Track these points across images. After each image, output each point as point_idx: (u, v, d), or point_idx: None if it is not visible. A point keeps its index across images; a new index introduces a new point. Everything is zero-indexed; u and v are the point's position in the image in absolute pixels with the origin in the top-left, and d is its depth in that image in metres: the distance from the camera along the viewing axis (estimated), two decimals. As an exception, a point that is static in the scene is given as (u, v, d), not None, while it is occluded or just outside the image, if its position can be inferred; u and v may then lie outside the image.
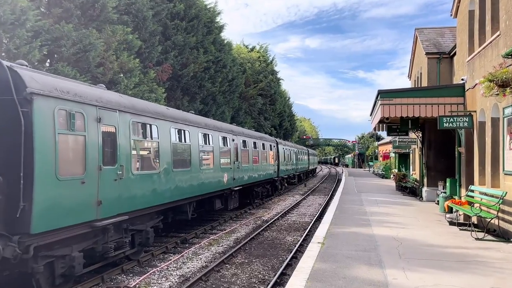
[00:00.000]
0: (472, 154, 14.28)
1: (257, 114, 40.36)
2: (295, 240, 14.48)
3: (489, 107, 12.13)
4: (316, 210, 22.53)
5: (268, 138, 26.69)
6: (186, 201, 13.60)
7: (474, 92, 13.58)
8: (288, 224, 18.10)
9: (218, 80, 29.61)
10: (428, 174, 21.24)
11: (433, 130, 21.06)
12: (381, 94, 15.03)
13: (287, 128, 51.66)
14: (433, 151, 21.21)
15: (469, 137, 14.41)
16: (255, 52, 42.81)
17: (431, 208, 17.68)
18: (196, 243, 13.75)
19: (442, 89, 14.92)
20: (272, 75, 43.16)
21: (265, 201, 25.62)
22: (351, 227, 12.29)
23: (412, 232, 11.46)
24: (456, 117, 13.54)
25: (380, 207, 17.48)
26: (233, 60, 33.71)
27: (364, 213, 15.35)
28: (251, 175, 21.19)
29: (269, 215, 20.70)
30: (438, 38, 22.82)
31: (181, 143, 13.27)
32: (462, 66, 15.07)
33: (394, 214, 15.36)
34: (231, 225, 17.34)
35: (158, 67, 22.91)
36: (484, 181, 12.87)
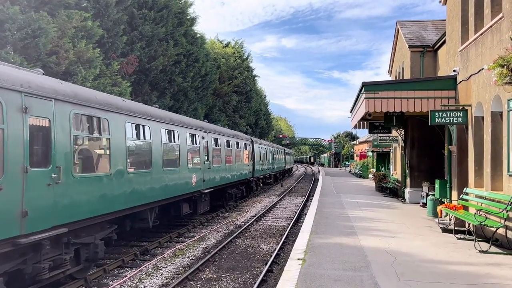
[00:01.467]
0: (465, 153, 12.88)
1: (232, 111, 38.57)
2: (271, 249, 12.83)
3: (488, 100, 10.71)
4: (294, 212, 21.00)
5: (242, 136, 24.95)
6: (146, 207, 11.74)
7: (469, 84, 12.18)
8: (264, 229, 16.45)
9: (190, 75, 27.69)
10: (411, 174, 19.91)
11: (416, 127, 19.75)
12: (366, 86, 13.49)
13: (263, 126, 49.98)
14: (417, 150, 19.89)
15: (462, 134, 13.02)
16: (230, 47, 40.93)
17: (417, 211, 16.27)
18: (159, 254, 11.94)
19: (433, 81, 13.47)
20: (247, 71, 41.38)
21: (239, 203, 23.92)
22: (335, 236, 10.67)
23: (405, 243, 9.90)
24: (449, 112, 12.10)
25: (363, 210, 15.97)
26: (206, 55, 31.81)
27: (347, 218, 13.79)
28: (223, 175, 19.42)
29: (243, 219, 19.02)
30: (421, 31, 21.53)
31: (140, 140, 11.40)
32: (453, 57, 13.68)
33: (380, 219, 13.85)
34: (200, 231, 15.56)
35: (123, 58, 20.86)
36: (481, 183, 11.46)
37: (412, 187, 19.77)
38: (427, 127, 19.83)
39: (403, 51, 21.85)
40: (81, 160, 8.70)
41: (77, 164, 8.43)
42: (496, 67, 7.46)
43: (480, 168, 11.52)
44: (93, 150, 9.42)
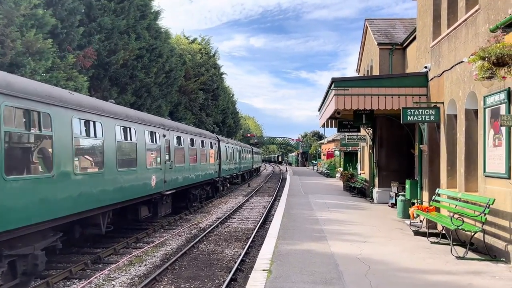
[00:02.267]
0: (436, 153, 12.41)
1: (199, 109, 37.43)
2: (236, 255, 11.99)
3: (462, 97, 10.21)
4: (261, 213, 20.23)
5: (208, 134, 23.96)
6: (98, 211, 10.66)
7: (441, 81, 11.69)
8: (229, 233, 15.59)
9: (153, 70, 26.44)
10: (379, 174, 19.47)
11: (385, 126, 19.33)
12: (336, 82, 12.83)
13: (230, 125, 48.99)
14: (385, 149, 19.47)
15: (433, 133, 12.55)
16: (196, 44, 39.73)
17: (387, 212, 15.78)
18: (113, 262, 10.87)
19: (404, 78, 12.95)
20: (214, 68, 40.25)
21: (204, 204, 22.95)
22: (303, 242, 9.90)
23: (378, 248, 9.24)
24: (421, 110, 11.57)
25: (332, 212, 15.33)
26: (171, 50, 30.59)
27: (315, 221, 13.08)
28: (187, 176, 18.40)
29: (207, 221, 18.09)
30: (389, 29, 21.18)
31: (90, 138, 10.30)
32: (424, 53, 13.20)
33: (350, 221, 13.22)
34: (161, 235, 14.53)
35: (80, 51, 19.49)
36: (454, 183, 10.98)
37: (381, 187, 19.35)
38: (396, 126, 19.49)
39: (371, 49, 21.44)
40: (15, 160, 7.57)
41: (10, 165, 7.30)
42: (477, 60, 6.87)
43: (453, 168, 11.05)
44: (31, 149, 8.28)
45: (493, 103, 8.56)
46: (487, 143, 8.80)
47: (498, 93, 8.29)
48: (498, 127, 8.34)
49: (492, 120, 8.63)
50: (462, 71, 10.17)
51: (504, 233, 8.07)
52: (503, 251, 7.93)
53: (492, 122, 8.60)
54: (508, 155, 7.96)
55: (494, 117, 8.55)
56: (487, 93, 8.79)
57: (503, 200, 8.11)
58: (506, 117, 7.79)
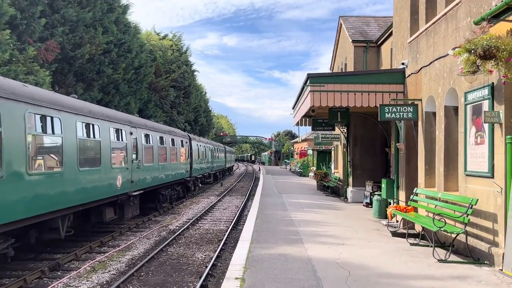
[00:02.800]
0: (413, 151, 12.10)
1: (170, 107, 36.42)
2: (207, 258, 11.37)
3: (441, 93, 9.88)
4: (233, 214, 19.64)
5: (179, 133, 23.15)
6: (56, 214, 9.82)
7: (419, 77, 11.37)
8: (200, 235, 14.94)
9: (122, 66, 25.39)
10: (353, 173, 19.20)
11: (360, 125, 19.06)
12: (311, 78, 12.34)
13: (203, 124, 48.06)
14: (359, 148, 19.21)
15: (410, 131, 12.23)
16: (167, 40, 38.66)
17: (362, 212, 15.44)
18: (74, 269, 10.06)
19: (381, 75, 12.58)
20: (186, 66, 39.25)
21: (175, 205, 22.16)
22: (279, 245, 9.35)
23: (357, 251, 8.77)
24: (399, 107, 11.22)
25: (306, 212, 14.86)
26: (141, 46, 29.55)
27: (290, 222, 12.57)
28: (156, 176, 17.61)
29: (178, 222, 17.37)
30: (364, 27, 20.93)
31: (47, 135, 9.45)
32: (401, 49, 12.88)
33: (325, 222, 12.77)
34: (128, 238, 13.75)
35: (41, 44, 18.38)
36: (432, 183, 10.66)
37: (355, 186, 19.07)
38: (371, 124, 19.24)
39: (346, 46, 21.14)
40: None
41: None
42: (463, 53, 6.47)
43: (431, 167, 10.73)
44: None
45: (475, 99, 8.22)
46: (468, 141, 8.47)
47: (480, 88, 7.95)
48: (481, 124, 8.01)
49: (474, 117, 8.30)
50: (441, 67, 9.85)
51: (487, 235, 7.74)
52: (487, 254, 7.60)
53: (474, 119, 8.26)
54: (491, 153, 7.63)
55: (476, 114, 8.21)
56: (469, 89, 8.45)
57: (485, 200, 7.78)
58: (490, 113, 7.46)
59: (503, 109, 7.33)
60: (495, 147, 7.53)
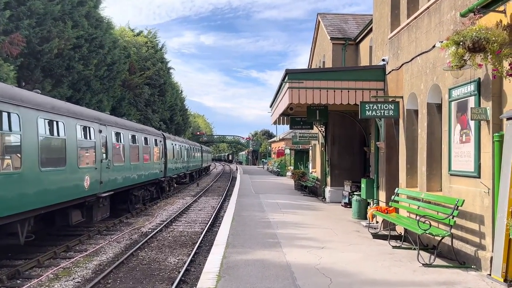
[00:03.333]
0: (394, 150, 11.76)
1: (144, 105, 35.46)
2: (180, 263, 10.77)
3: (424, 90, 9.53)
4: (209, 215, 19.03)
5: (152, 131, 22.36)
6: (15, 218, 9.04)
7: (400, 74, 11.02)
8: (173, 237, 14.30)
9: (93, 62, 24.42)
10: (332, 173, 18.85)
11: (338, 123, 18.73)
12: (290, 74, 11.86)
13: (179, 123, 47.08)
14: (338, 147, 18.88)
15: (390, 129, 11.89)
16: (142, 36, 37.64)
17: (341, 213, 15.06)
18: (35, 277, 9.31)
19: (361, 71, 12.20)
20: (161, 63, 38.27)
21: (148, 206, 21.38)
22: (256, 250, 8.81)
23: (337, 256, 8.31)
24: (380, 104, 10.84)
25: (284, 213, 14.38)
26: (114, 42, 28.58)
27: (268, 224, 12.06)
28: (128, 176, 16.84)
29: (151, 225, 16.67)
30: (342, 24, 20.60)
31: (3, 131, 8.66)
32: (381, 45, 12.54)
33: (304, 224, 12.31)
34: (97, 242, 12.99)
35: (5, 37, 17.36)
36: (414, 182, 10.32)
37: (333, 186, 18.73)
38: (349, 123, 18.93)
39: (324, 44, 20.78)
40: None
41: None
42: (451, 45, 6.08)
43: (413, 167, 10.39)
44: None
45: (460, 96, 7.87)
46: (453, 139, 8.12)
47: (466, 84, 7.60)
48: (466, 122, 7.66)
49: (458, 114, 7.94)
50: (424, 62, 9.50)
51: (473, 237, 7.39)
52: (473, 257, 7.24)
53: (459, 117, 7.91)
54: (477, 152, 7.28)
55: (461, 111, 7.86)
56: (453, 85, 8.10)
57: (471, 201, 7.43)
58: (476, 110, 7.10)
59: (490, 105, 6.98)
60: (482, 145, 7.18)
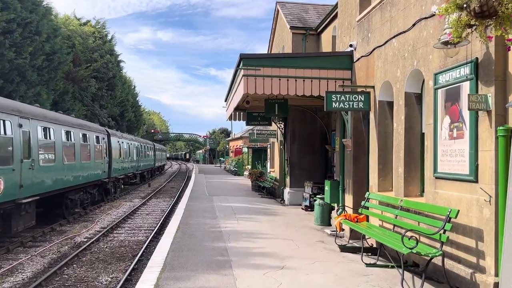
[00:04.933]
0: (362, 148, 10.28)
1: (91, 100, 32.68)
2: (113, 283, 8.90)
3: (401, 77, 8.04)
4: (157, 220, 17.03)
5: (94, 127, 19.99)
6: None
7: (371, 60, 9.51)
8: (111, 248, 12.31)
9: (28, 50, 21.71)
10: (291, 173, 17.31)
11: (298, 119, 17.21)
12: (245, 60, 10.11)
13: (131, 119, 44.26)
14: (298, 145, 17.35)
15: (358, 124, 10.40)
16: (89, 26, 34.74)
17: (302, 218, 13.47)
18: None
19: (326, 58, 10.60)
20: (110, 55, 35.52)
21: (90, 210, 19.07)
22: (199, 273, 6.98)
23: (301, 280, 6.63)
24: (349, 95, 9.29)
25: (239, 220, 12.62)
26: (55, 29, 25.84)
27: (219, 235, 10.24)
28: (60, 177, 14.55)
29: (88, 232, 14.53)
30: (302, 14, 19.10)
31: None
32: (348, 30, 11.02)
33: (261, 233, 10.59)
34: (16, 257, 10.83)
35: None
36: (387, 186, 8.84)
37: (293, 187, 17.19)
38: (310, 119, 17.42)
39: (283, 34, 19.20)
40: None
41: None
42: (452, 10, 4.56)
43: (386, 167, 8.91)
44: None
45: (449, 82, 6.40)
46: (440, 135, 6.64)
47: (459, 67, 6.13)
48: (458, 113, 6.20)
49: (447, 104, 6.47)
50: (401, 45, 8.02)
51: (468, 256, 5.92)
52: (468, 281, 5.77)
53: (448, 107, 6.44)
54: (474, 150, 5.82)
55: (451, 99, 6.39)
56: (440, 69, 6.62)
57: (465, 211, 5.96)
58: (475, 97, 5.62)
59: (492, 91, 5.52)
60: (481, 142, 5.72)
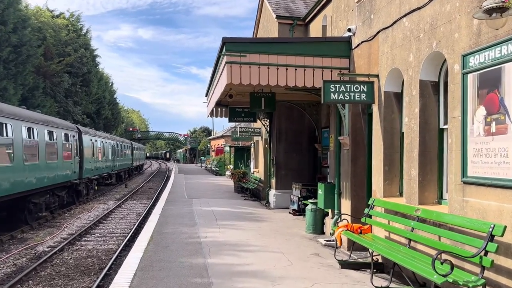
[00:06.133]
0: (361, 146, 8.97)
1: (64, 96, 30.69)
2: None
3: (414, 63, 6.72)
4: (132, 224, 15.53)
5: (62, 124, 18.23)
6: None
7: (374, 45, 8.19)
8: (76, 259, 10.81)
9: (-9, 40, 19.83)
10: (277, 174, 15.93)
11: (285, 116, 15.84)
12: (228, 44, 8.65)
13: (108, 117, 42.23)
14: (284, 143, 15.99)
15: (357, 119, 9.08)
16: (62, 18, 32.67)
17: (291, 224, 12.08)
18: None
19: (321, 44, 9.17)
20: (85, 49, 33.49)
21: (58, 214, 17.40)
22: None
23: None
24: (350, 85, 7.94)
25: (221, 228, 11.16)
26: (23, 20, 23.90)
27: (198, 248, 8.76)
28: (20, 180, 12.87)
29: (53, 240, 12.96)
30: (289, 3, 17.73)
31: None
32: (345, 13, 9.68)
33: (246, 245, 9.15)
34: (-43, 275, 9.17)
35: None
36: (394, 190, 7.52)
37: (279, 188, 15.82)
38: (298, 116, 16.03)
39: (268, 26, 17.80)
40: None
41: None
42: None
43: (393, 169, 7.60)
44: None
45: (485, 64, 5.09)
46: (471, 130, 5.34)
47: (500, 44, 4.83)
48: (498, 102, 4.90)
49: (482, 91, 5.17)
50: (415, 24, 6.70)
51: (514, 284, 4.62)
52: (517, 317, 4.47)
53: (483, 95, 5.14)
54: (523, 149, 4.52)
55: (486, 86, 5.09)
56: (471, 49, 5.32)
57: (511, 227, 4.66)
58: (528, 81, 4.31)
59: (552, 73, 4.22)
60: (533, 138, 4.43)
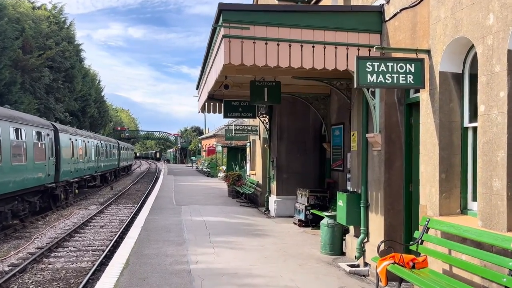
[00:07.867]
0: (398, 147, 6.86)
1: (45, 93, 28.24)
2: None
3: (497, 26, 4.61)
4: (113, 234, 13.38)
5: (33, 121, 15.85)
6: None
7: (422, 11, 6.07)
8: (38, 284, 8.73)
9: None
10: (278, 177, 13.80)
11: (286, 111, 13.73)
12: (226, 13, 6.44)
13: (94, 116, 39.71)
14: (287, 143, 13.86)
15: (392, 112, 6.97)
16: (43, 10, 30.15)
17: (301, 241, 9.86)
18: None
19: (347, 15, 6.98)
20: (69, 43, 31.00)
21: (30, 222, 15.14)
22: None
23: None
24: (393, 63, 5.82)
25: (215, 247, 8.94)
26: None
27: (186, 281, 6.55)
28: (-27, 186, 10.57)
29: (15, 257, 10.82)
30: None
31: None
32: (373, -21, 7.56)
33: (251, 276, 6.97)
34: None
35: None
36: (453, 206, 5.42)
37: (280, 194, 13.69)
38: (302, 112, 13.81)
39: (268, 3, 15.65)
40: None
41: None
42: None
43: (451, 177, 5.50)
44: None
45: None
46: None
47: None
48: None
49: None
50: (497, -29, 4.60)
51: None
52: None
53: None
54: None
55: None
56: None
57: None
58: None
59: None
60: None
